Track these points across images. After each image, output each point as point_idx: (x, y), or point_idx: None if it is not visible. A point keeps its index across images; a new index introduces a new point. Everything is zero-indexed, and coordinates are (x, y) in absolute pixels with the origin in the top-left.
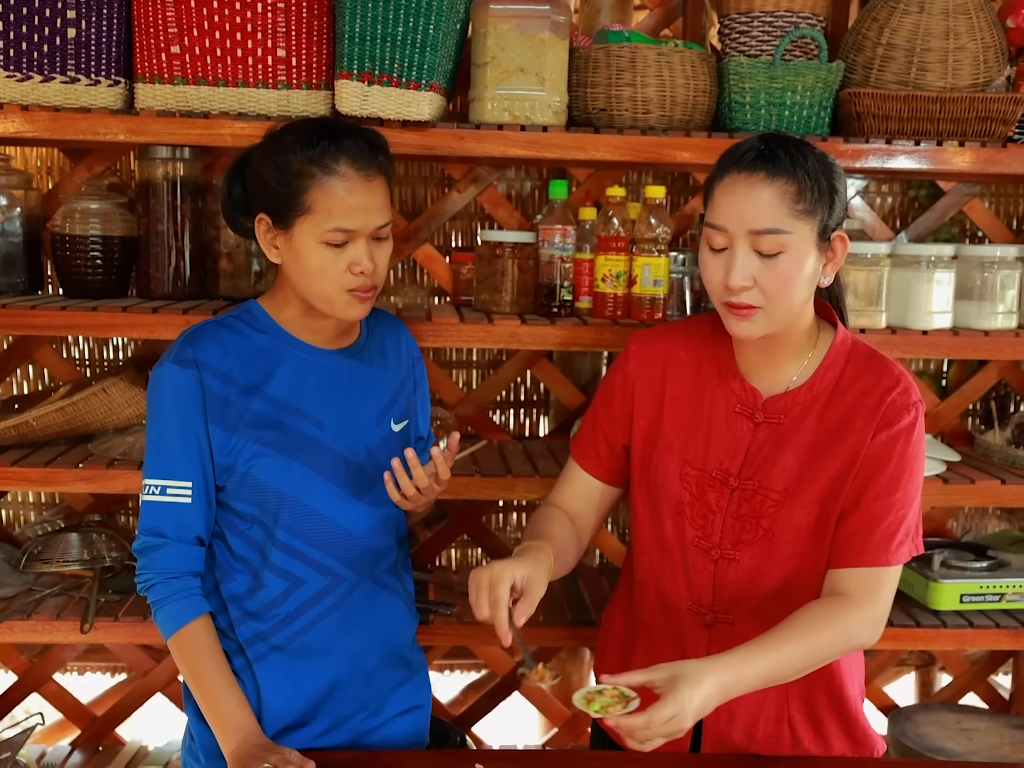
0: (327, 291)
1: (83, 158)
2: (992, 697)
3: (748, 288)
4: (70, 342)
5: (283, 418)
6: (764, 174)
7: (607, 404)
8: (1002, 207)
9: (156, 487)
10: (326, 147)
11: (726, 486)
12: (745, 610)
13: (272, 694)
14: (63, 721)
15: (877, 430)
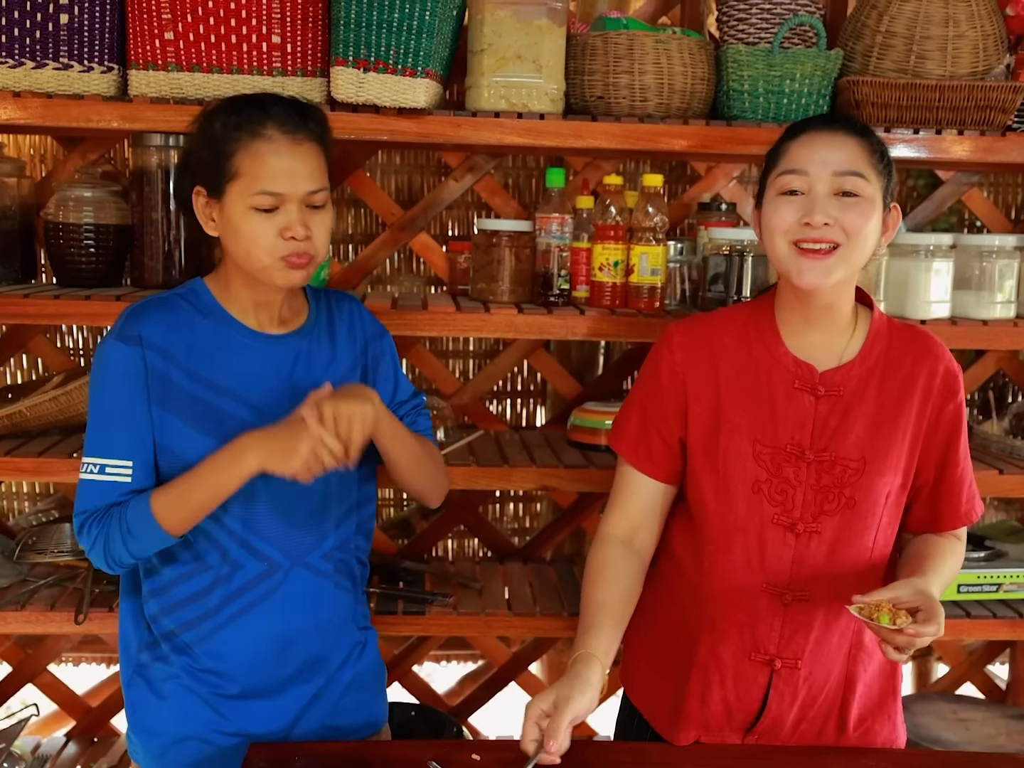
0: (260, 259)
1: (76, 146)
2: (989, 687)
3: (829, 226)
4: (64, 331)
5: (221, 404)
6: (843, 130)
7: (656, 399)
8: (1001, 197)
9: (95, 466)
10: (252, 112)
11: (802, 460)
12: (822, 584)
13: (200, 679)
14: (58, 712)
15: (943, 400)
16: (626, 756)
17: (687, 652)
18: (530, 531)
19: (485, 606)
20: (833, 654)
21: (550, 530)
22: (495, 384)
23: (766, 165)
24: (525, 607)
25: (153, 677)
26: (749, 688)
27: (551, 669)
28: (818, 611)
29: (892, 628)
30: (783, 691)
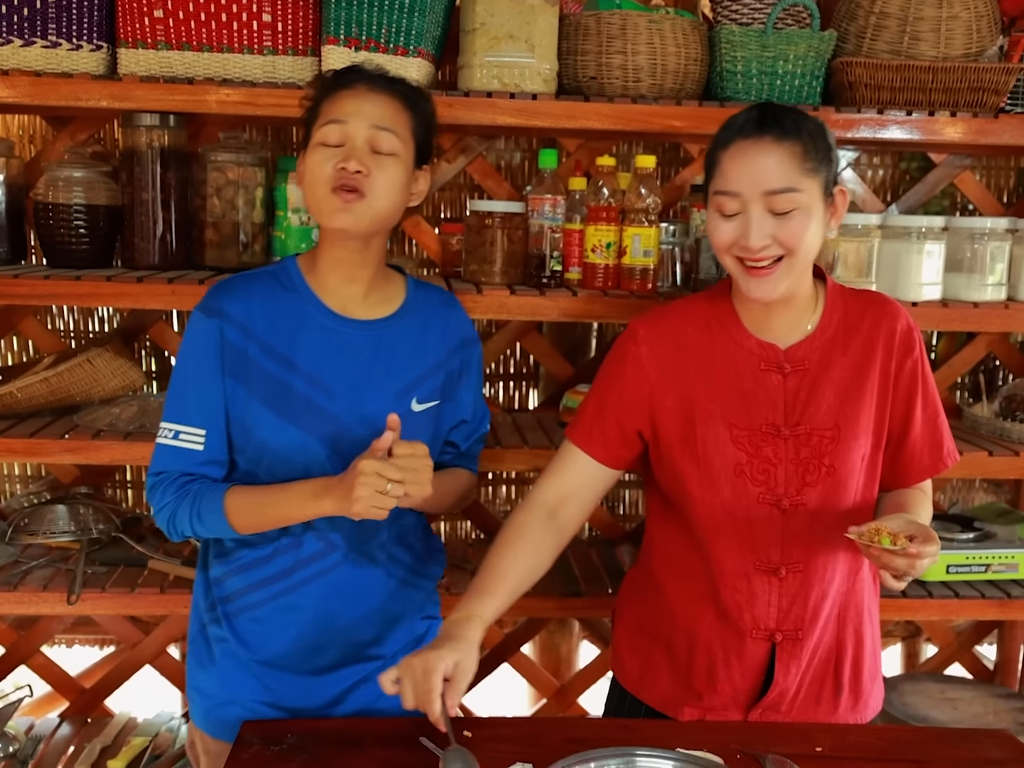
0: (316, 192)
1: (66, 126)
2: (977, 668)
3: (767, 246)
4: (54, 313)
5: (293, 382)
6: (771, 137)
7: (618, 389)
8: (993, 180)
9: (170, 431)
10: (348, 70)
11: (779, 437)
12: (813, 552)
13: (249, 645)
14: (52, 693)
15: (901, 358)
16: (620, 733)
17: (687, 637)
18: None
19: None
20: (827, 618)
21: None
22: (487, 366)
23: (705, 166)
24: None
25: (210, 638)
26: (752, 665)
27: (543, 650)
28: (813, 580)
29: (894, 549)
30: (788, 663)
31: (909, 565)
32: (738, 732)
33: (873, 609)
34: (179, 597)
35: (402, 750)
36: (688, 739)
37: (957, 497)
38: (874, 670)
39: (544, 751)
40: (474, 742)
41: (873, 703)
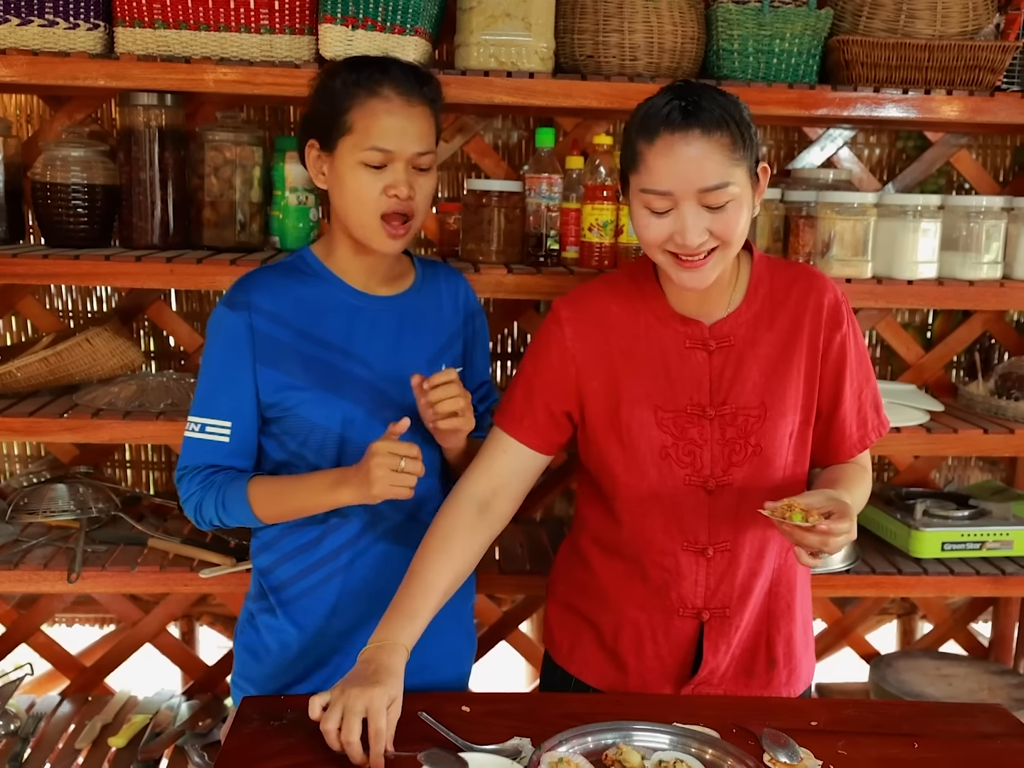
0: (363, 216)
1: (63, 105)
2: (972, 645)
3: (704, 241)
4: (53, 293)
5: (334, 360)
6: (699, 131)
7: (544, 372)
8: (989, 158)
9: (196, 425)
10: (372, 72)
11: (704, 417)
12: (741, 531)
13: (305, 630)
14: (52, 672)
15: (829, 332)
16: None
17: (615, 614)
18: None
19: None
20: (757, 594)
21: (540, 491)
22: None
23: (623, 152)
24: (516, 566)
25: (260, 627)
26: (680, 642)
27: (541, 628)
28: (740, 558)
29: (805, 526)
30: (717, 641)
31: (822, 542)
32: (733, 707)
33: (805, 583)
34: (179, 575)
35: (402, 724)
36: (684, 714)
37: (952, 475)
38: (806, 643)
39: (541, 726)
40: (472, 717)
41: (805, 676)
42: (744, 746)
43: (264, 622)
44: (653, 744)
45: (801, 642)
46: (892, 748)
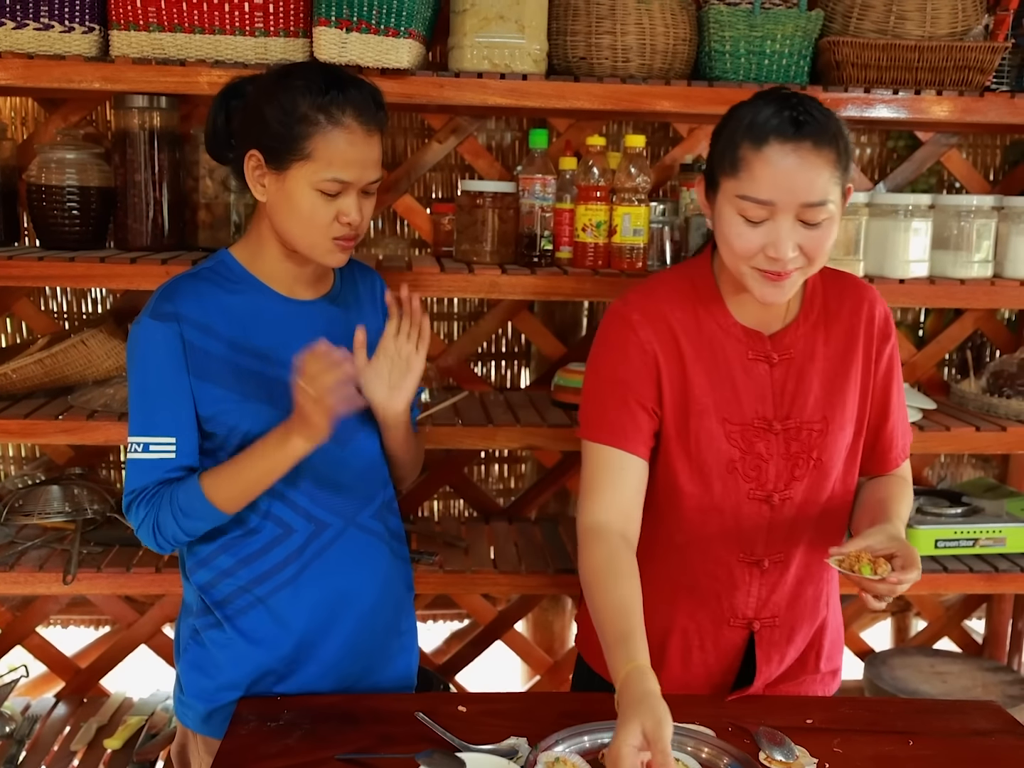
0: (312, 237)
1: (58, 108)
2: (966, 642)
3: (795, 256)
4: (48, 295)
5: (265, 369)
6: (811, 144)
7: (628, 375)
8: (979, 158)
9: (139, 444)
10: (335, 96)
11: (771, 431)
12: (795, 543)
13: (256, 642)
14: (47, 674)
15: (880, 344)
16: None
17: (664, 619)
18: (515, 491)
19: (471, 564)
20: (810, 605)
21: (535, 490)
22: (479, 345)
23: (719, 155)
24: (510, 565)
25: (206, 642)
26: (728, 650)
27: (536, 627)
28: (792, 569)
29: (875, 579)
30: (769, 651)
31: (889, 591)
32: (729, 705)
33: (836, 579)
34: (174, 576)
35: (399, 725)
36: (679, 713)
37: (945, 472)
38: (841, 638)
39: (538, 725)
40: (468, 717)
41: (840, 676)
42: (740, 744)
43: (211, 637)
44: None
45: (840, 639)
46: (887, 746)
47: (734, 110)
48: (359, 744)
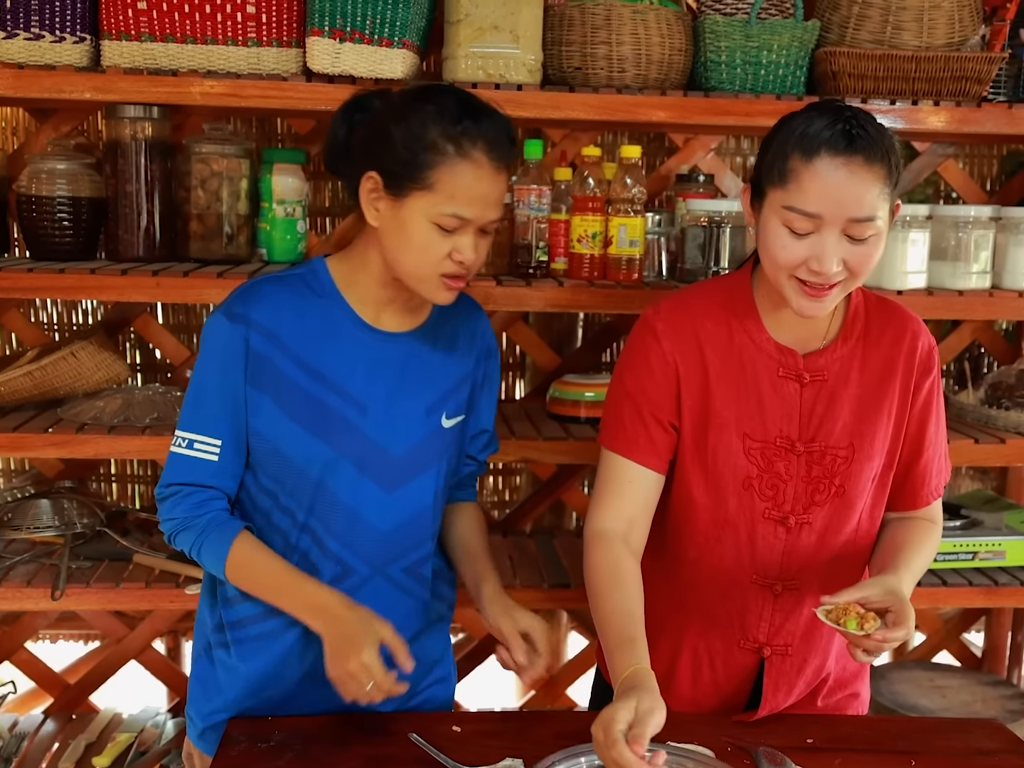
0: (422, 271)
1: (49, 118)
2: (965, 655)
3: (838, 272)
4: (38, 306)
5: (324, 397)
6: (862, 159)
7: (647, 387)
8: (976, 168)
9: (184, 440)
10: (468, 126)
11: (793, 452)
12: (812, 572)
13: (256, 678)
14: (36, 689)
15: (920, 377)
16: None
17: (675, 636)
18: (510, 504)
19: None
20: (826, 640)
21: (530, 503)
22: None
23: (768, 165)
24: (505, 580)
25: (215, 660)
26: (738, 673)
27: None
28: (807, 598)
29: (860, 634)
30: (777, 680)
31: (876, 647)
32: (728, 725)
33: None
34: (164, 591)
35: (390, 746)
36: (679, 732)
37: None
38: (862, 668)
39: (534, 745)
40: (463, 737)
41: (864, 699)
42: (739, 765)
43: (219, 657)
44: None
45: (857, 667)
46: (889, 765)
47: (786, 120)
48: (351, 766)
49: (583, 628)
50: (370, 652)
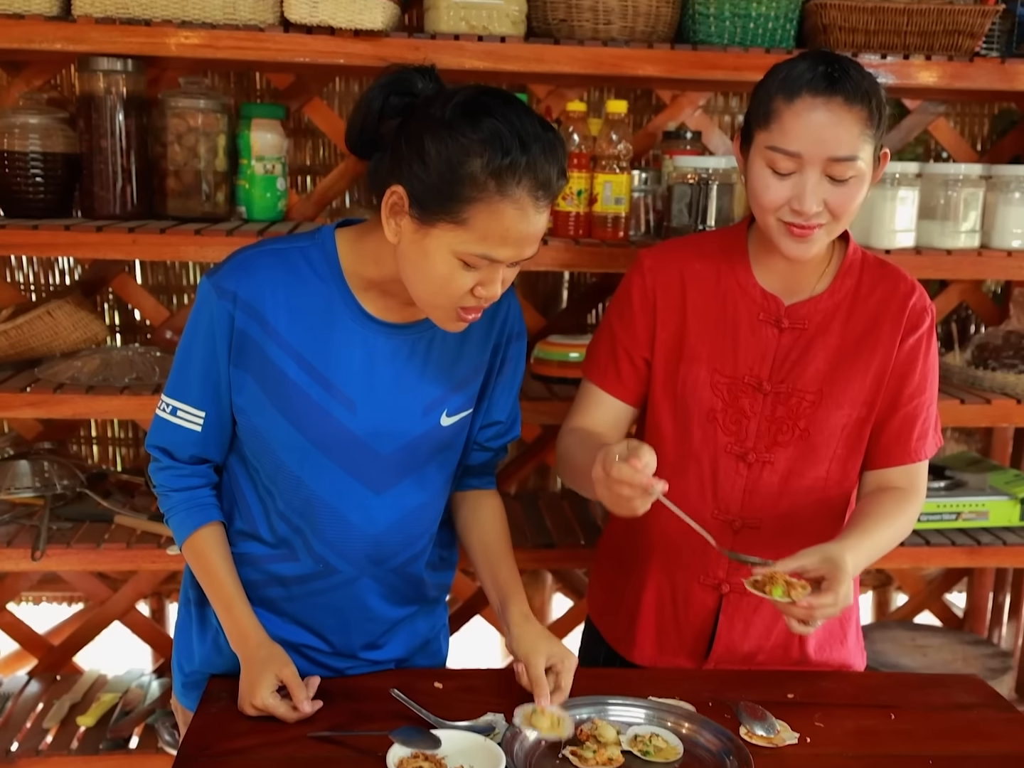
0: (438, 301)
1: (20, 71)
2: (946, 615)
3: (819, 212)
4: (13, 265)
5: (309, 389)
6: (842, 99)
7: (625, 321)
8: (967, 127)
9: (168, 406)
10: (516, 160)
11: (759, 391)
12: (774, 513)
13: (222, 646)
14: (19, 651)
15: (904, 335)
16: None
17: (642, 574)
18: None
19: None
20: None
21: (514, 465)
22: None
23: (754, 108)
24: None
25: (194, 617)
26: (699, 610)
27: None
28: (768, 540)
29: (785, 601)
30: (733, 617)
31: (806, 615)
32: (709, 680)
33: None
34: (146, 552)
35: (373, 702)
36: (660, 688)
37: None
38: (843, 637)
39: (516, 701)
40: (444, 693)
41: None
42: (720, 720)
43: (195, 613)
44: (628, 719)
45: (839, 636)
46: (869, 719)
47: (775, 66)
48: (332, 721)
49: (568, 589)
50: (263, 697)
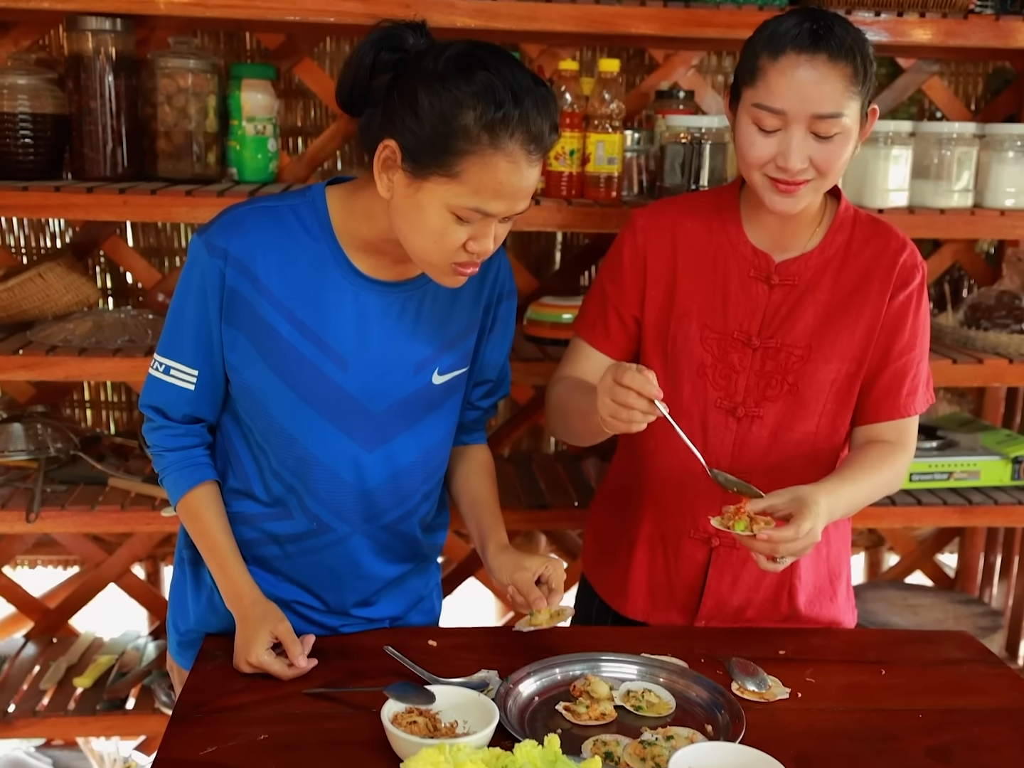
0: (432, 256)
1: (8, 31)
2: (938, 575)
3: (804, 169)
4: (4, 228)
5: (301, 347)
6: (826, 56)
7: (616, 278)
8: (961, 86)
9: (161, 365)
10: (508, 113)
11: (748, 346)
12: (764, 467)
13: (216, 604)
14: (16, 614)
15: (894, 291)
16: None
17: (634, 528)
18: (487, 428)
19: None
20: None
21: (507, 427)
22: None
23: (742, 65)
24: None
25: (188, 576)
26: (689, 564)
27: None
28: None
29: (746, 535)
30: (722, 570)
31: (771, 550)
32: (701, 636)
33: (839, 535)
34: (140, 514)
35: (368, 659)
36: (653, 644)
37: None
38: (833, 594)
39: (509, 658)
40: (438, 651)
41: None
42: (712, 675)
43: (189, 572)
44: (621, 675)
45: (828, 592)
46: (859, 675)
47: (763, 23)
48: (327, 678)
49: (561, 551)
50: (258, 654)
